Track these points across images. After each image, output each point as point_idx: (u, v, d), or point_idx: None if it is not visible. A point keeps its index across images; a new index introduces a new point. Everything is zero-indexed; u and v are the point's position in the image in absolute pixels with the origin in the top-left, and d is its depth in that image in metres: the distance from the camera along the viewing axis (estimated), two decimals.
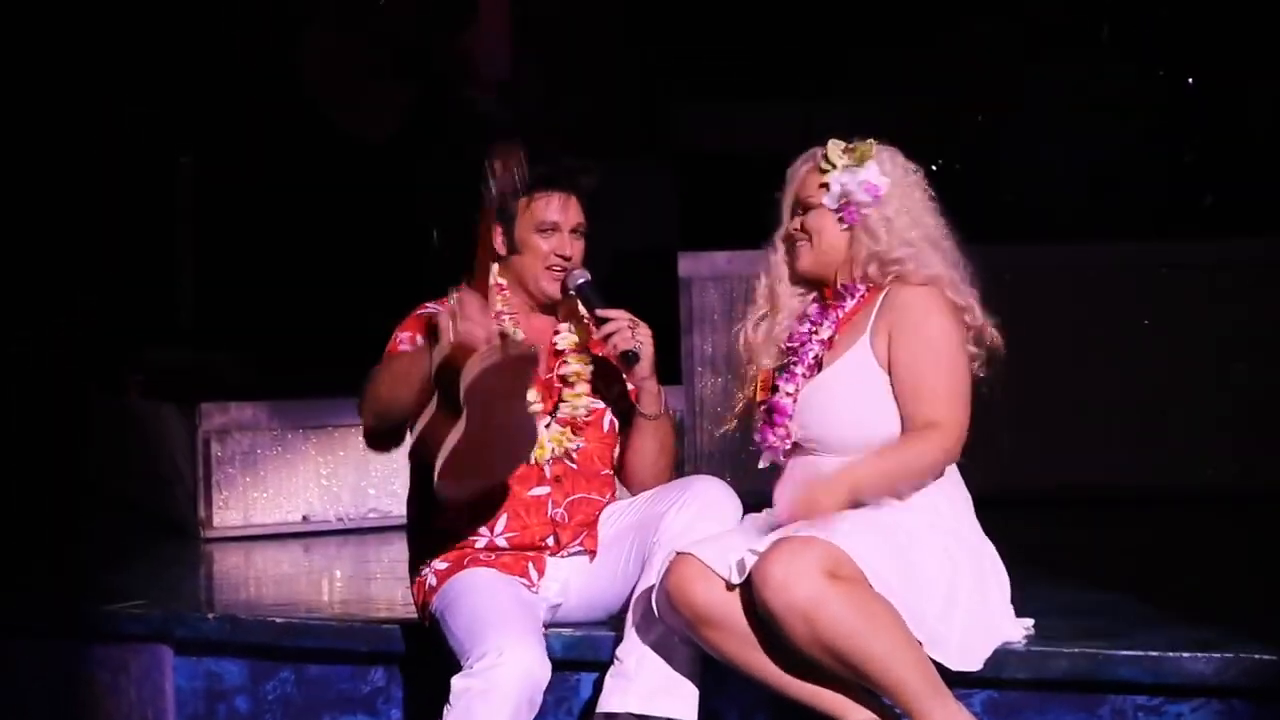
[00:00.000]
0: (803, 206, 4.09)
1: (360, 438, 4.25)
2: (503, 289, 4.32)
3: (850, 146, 4.04)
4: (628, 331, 4.19)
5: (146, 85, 8.12)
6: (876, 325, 3.97)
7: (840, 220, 4.03)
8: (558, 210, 4.30)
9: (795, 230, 4.10)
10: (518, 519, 4.26)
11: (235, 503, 6.54)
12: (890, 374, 3.93)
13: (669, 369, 6.27)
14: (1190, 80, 7.75)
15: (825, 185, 4.04)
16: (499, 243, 4.29)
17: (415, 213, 7.37)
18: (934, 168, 4.20)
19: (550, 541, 4.27)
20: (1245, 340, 6.87)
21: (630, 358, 4.18)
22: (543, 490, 4.28)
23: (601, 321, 4.22)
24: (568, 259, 4.28)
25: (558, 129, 8.66)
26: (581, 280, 4.27)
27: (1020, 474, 3.93)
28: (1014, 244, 6.63)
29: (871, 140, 4.06)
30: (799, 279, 4.13)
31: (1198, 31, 7.83)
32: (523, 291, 4.32)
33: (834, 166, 4.02)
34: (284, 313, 7.95)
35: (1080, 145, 7.69)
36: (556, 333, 4.36)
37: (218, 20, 8.11)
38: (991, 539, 4.09)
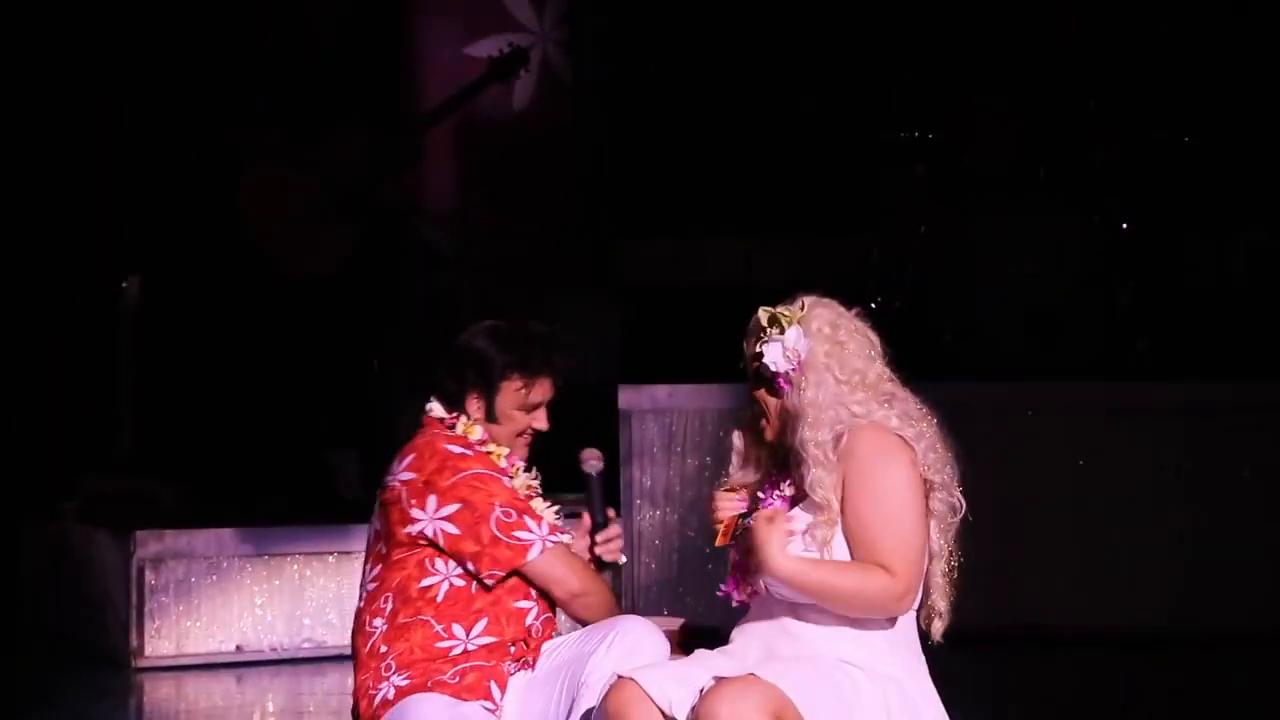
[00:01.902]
0: (753, 378, 4.11)
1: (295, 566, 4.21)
2: (491, 438, 4.39)
3: (773, 313, 4.05)
4: (620, 541, 4.37)
5: (93, 207, 8.11)
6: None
7: (773, 391, 4.04)
8: (544, 393, 4.37)
9: (753, 400, 4.12)
10: (497, 625, 4.28)
11: (168, 632, 6.47)
12: (844, 520, 3.94)
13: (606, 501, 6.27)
14: (1125, 226, 7.86)
15: (760, 355, 4.07)
16: (475, 409, 4.35)
17: (359, 343, 7.36)
18: (872, 306, 4.22)
19: (513, 650, 4.28)
20: (1182, 482, 6.93)
21: (611, 568, 4.38)
22: (527, 604, 4.30)
23: (603, 522, 4.36)
24: (543, 432, 4.36)
25: (503, 261, 8.71)
26: (600, 469, 4.37)
27: (966, 613, 3.94)
28: (951, 382, 6.69)
29: (803, 300, 4.05)
30: (765, 444, 4.14)
31: (1135, 179, 7.96)
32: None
33: (764, 336, 4.04)
34: (223, 440, 7.91)
35: (1018, 287, 7.77)
36: (511, 478, 4.40)
37: (168, 146, 8.14)
38: (937, 679, 4.08)
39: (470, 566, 4.24)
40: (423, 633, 4.25)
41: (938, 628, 4.03)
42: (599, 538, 4.35)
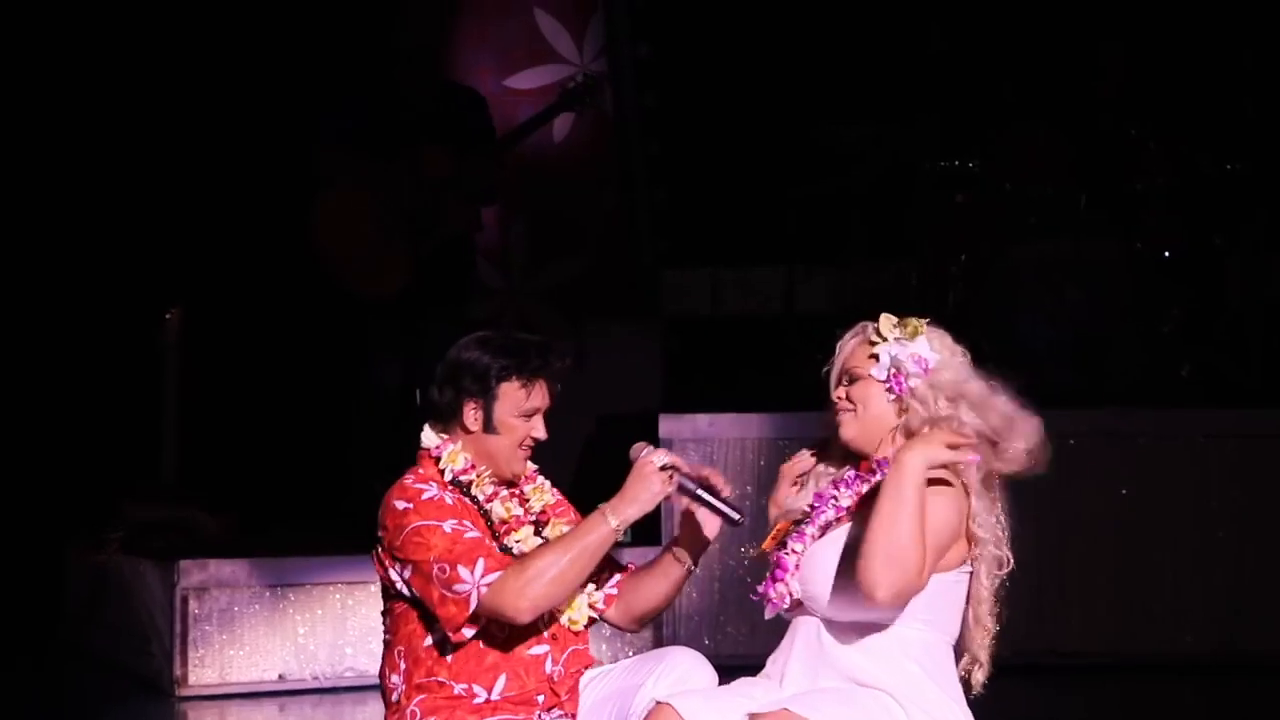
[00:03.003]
0: (849, 377, 4.12)
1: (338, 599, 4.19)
2: (474, 466, 4.32)
3: (902, 321, 4.10)
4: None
5: (138, 234, 8.16)
6: None
7: (889, 391, 4.07)
8: (542, 397, 4.33)
9: (840, 399, 4.12)
10: (517, 679, 4.24)
11: (211, 661, 6.49)
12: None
13: (651, 529, 6.27)
14: (1167, 253, 7.84)
15: (874, 357, 4.08)
16: (472, 419, 4.30)
17: (405, 374, 7.37)
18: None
19: (541, 700, 4.25)
20: (1229, 510, 6.89)
21: (734, 522, 4.20)
22: (541, 649, 4.26)
23: (706, 491, 4.20)
24: (541, 441, 4.32)
25: (545, 291, 8.73)
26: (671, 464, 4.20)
27: (1006, 640, 3.95)
28: None
29: (924, 320, 4.11)
30: (840, 448, 4.15)
31: (1177, 204, 7.94)
32: (486, 465, 4.32)
33: (885, 339, 4.07)
34: (267, 469, 7.94)
35: (1060, 314, 7.75)
36: (526, 499, 4.37)
37: (218, 170, 8.18)
38: (974, 707, 4.07)
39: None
40: (443, 692, 4.23)
41: (978, 678, 4.05)
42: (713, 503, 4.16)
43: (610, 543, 4.18)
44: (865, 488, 4.06)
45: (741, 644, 6.45)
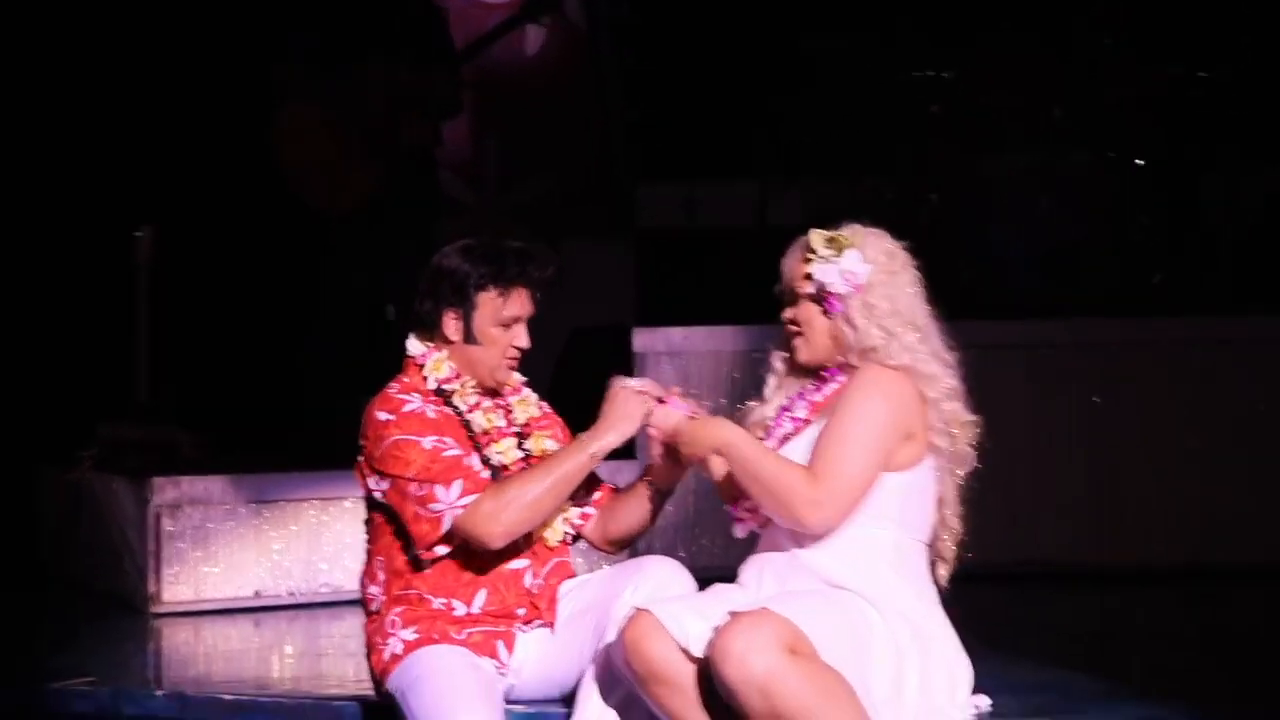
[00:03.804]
0: (791, 296, 4.11)
1: (316, 516, 4.20)
2: (459, 375, 4.30)
3: (831, 235, 4.05)
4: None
5: (106, 154, 8.10)
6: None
7: (824, 311, 4.04)
8: (522, 306, 4.30)
9: (788, 321, 4.11)
10: (496, 593, 4.25)
11: (186, 578, 6.49)
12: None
13: (628, 446, 6.26)
14: (1140, 163, 7.83)
15: (809, 275, 4.06)
16: (452, 329, 4.28)
17: (372, 289, 7.36)
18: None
19: (522, 613, 4.26)
20: (1203, 417, 6.92)
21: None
22: (521, 564, 4.27)
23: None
24: (525, 349, 4.30)
25: (518, 208, 8.69)
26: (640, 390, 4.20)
27: (980, 548, 3.97)
28: (968, 321, 6.66)
29: (856, 226, 4.06)
30: (797, 367, 4.14)
31: (1150, 115, 7.92)
32: (470, 375, 4.31)
33: (815, 256, 4.04)
34: (241, 387, 7.92)
35: (1035, 225, 7.76)
36: (510, 411, 4.36)
37: (182, 89, 8.11)
38: (950, 614, 4.09)
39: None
40: (422, 606, 4.23)
41: (942, 573, 4.09)
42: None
43: (588, 470, 4.19)
44: (819, 396, 4.06)
45: (717, 555, 6.46)
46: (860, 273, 4.00)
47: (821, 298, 4.03)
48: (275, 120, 7.28)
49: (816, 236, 4.05)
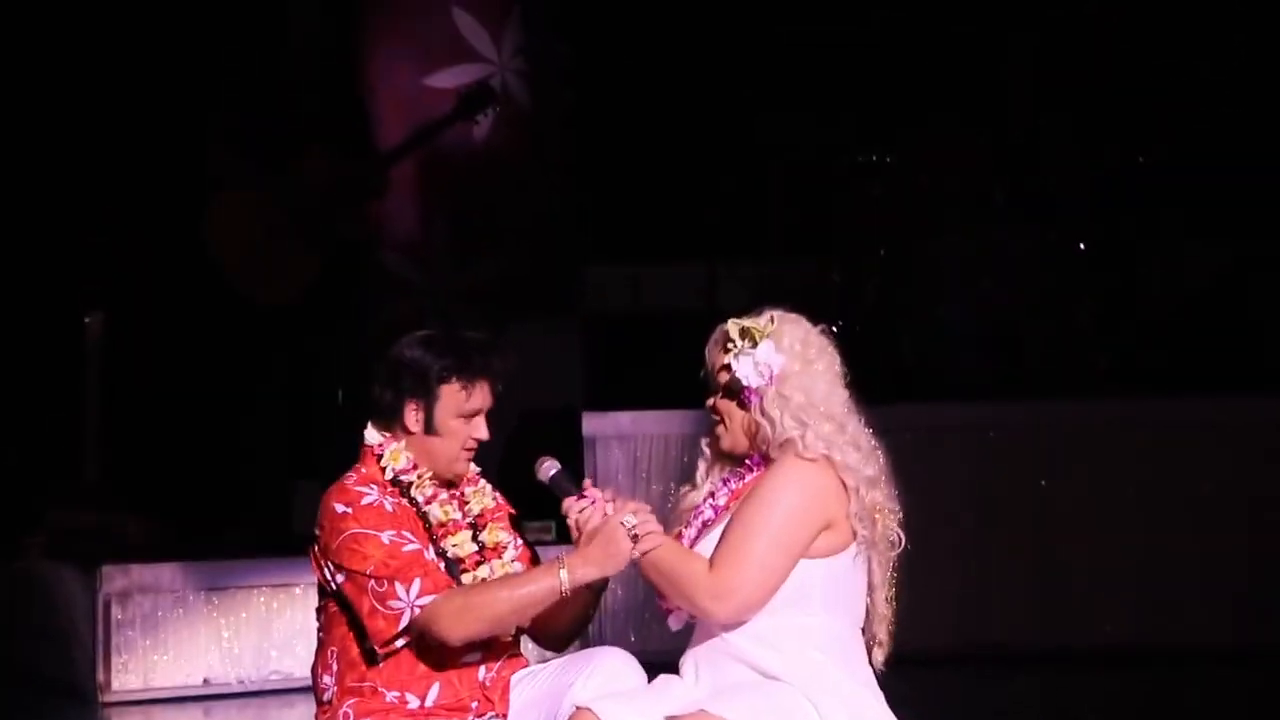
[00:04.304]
0: (713, 387, 4.12)
1: (255, 605, 4.18)
2: (416, 466, 4.29)
3: (745, 326, 4.05)
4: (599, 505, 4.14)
5: (56, 240, 8.10)
6: None
7: (740, 404, 4.05)
8: (484, 398, 4.30)
9: (710, 409, 4.13)
10: (450, 687, 4.21)
11: (135, 666, 6.46)
12: None
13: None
14: (1082, 245, 7.93)
15: (727, 366, 4.07)
16: (413, 420, 4.28)
17: (323, 375, 7.36)
18: (833, 329, 4.23)
19: (475, 705, 4.24)
20: (1148, 499, 6.98)
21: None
22: (474, 657, 4.24)
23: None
24: (484, 441, 4.30)
25: (467, 289, 8.72)
26: (554, 472, 4.19)
27: (918, 631, 3.99)
28: (912, 404, 6.73)
29: (771, 314, 4.06)
30: (722, 455, 4.15)
31: (1091, 197, 8.03)
32: (428, 466, 4.30)
33: (731, 347, 4.05)
34: (189, 473, 7.90)
35: (978, 307, 7.83)
36: (465, 502, 4.36)
37: (130, 178, 8.13)
38: (890, 698, 4.10)
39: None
40: (375, 699, 4.21)
41: (879, 657, 4.07)
42: (572, 511, 4.09)
43: (556, 597, 4.13)
44: (739, 484, 4.07)
45: (668, 639, 6.45)
46: (774, 364, 3.97)
47: (737, 390, 4.04)
48: (207, 207, 7.31)
49: (733, 327, 4.04)
